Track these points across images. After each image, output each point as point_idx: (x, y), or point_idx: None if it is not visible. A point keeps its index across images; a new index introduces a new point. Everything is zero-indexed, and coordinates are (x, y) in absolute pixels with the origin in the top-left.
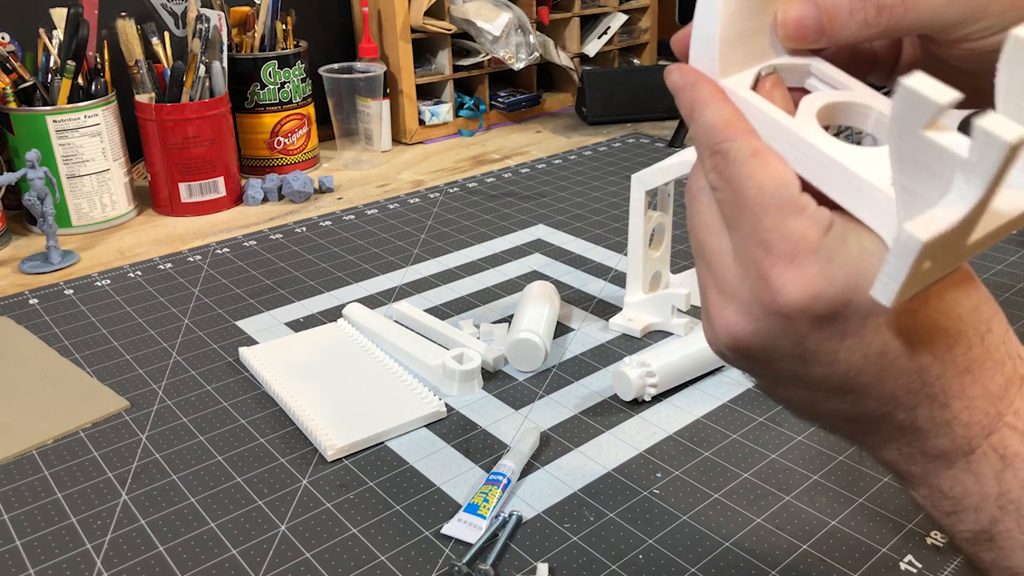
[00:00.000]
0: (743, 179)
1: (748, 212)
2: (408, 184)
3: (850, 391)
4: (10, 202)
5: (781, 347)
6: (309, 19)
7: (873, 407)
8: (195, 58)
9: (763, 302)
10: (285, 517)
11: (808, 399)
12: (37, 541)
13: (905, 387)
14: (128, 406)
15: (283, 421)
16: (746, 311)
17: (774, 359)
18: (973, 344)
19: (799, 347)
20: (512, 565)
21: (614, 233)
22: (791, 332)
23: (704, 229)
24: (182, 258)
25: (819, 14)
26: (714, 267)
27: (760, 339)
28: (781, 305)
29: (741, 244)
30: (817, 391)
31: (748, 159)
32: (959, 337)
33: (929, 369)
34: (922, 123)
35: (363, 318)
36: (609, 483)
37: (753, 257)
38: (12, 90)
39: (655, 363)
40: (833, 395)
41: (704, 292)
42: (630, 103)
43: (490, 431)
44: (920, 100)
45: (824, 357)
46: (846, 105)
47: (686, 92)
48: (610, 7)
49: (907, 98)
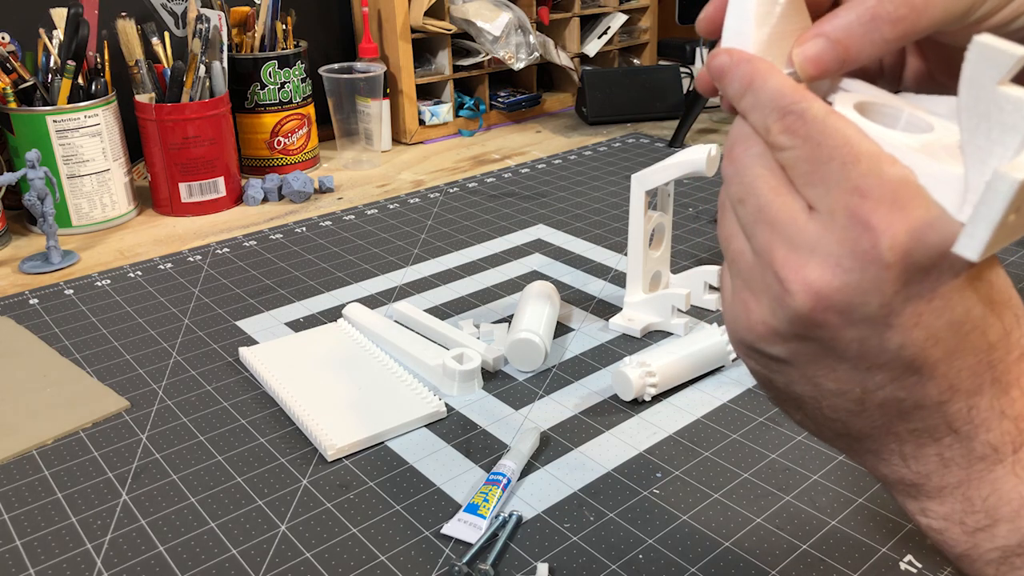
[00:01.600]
0: (827, 132)
1: (835, 162)
2: (408, 184)
3: (917, 370)
4: (10, 202)
5: (868, 305)
6: (309, 19)
7: (934, 394)
8: (195, 58)
9: (860, 248)
10: (285, 517)
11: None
12: (37, 541)
13: (972, 368)
14: (128, 406)
15: (283, 421)
16: (835, 263)
17: (852, 323)
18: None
19: (886, 307)
20: (512, 565)
21: (614, 233)
22: (884, 285)
23: (768, 191)
24: (182, 258)
25: (835, 47)
26: (784, 226)
27: (848, 294)
28: (883, 250)
29: (825, 197)
30: (880, 372)
31: (828, 115)
32: (1020, 318)
33: (996, 347)
34: (996, 79)
35: (363, 318)
36: (609, 483)
37: (845, 205)
38: (12, 90)
39: (655, 363)
40: (896, 378)
41: (767, 252)
42: (630, 103)
43: (490, 431)
44: (996, 54)
45: (908, 320)
46: (878, 105)
47: (741, 67)
48: (610, 7)
49: (982, 54)
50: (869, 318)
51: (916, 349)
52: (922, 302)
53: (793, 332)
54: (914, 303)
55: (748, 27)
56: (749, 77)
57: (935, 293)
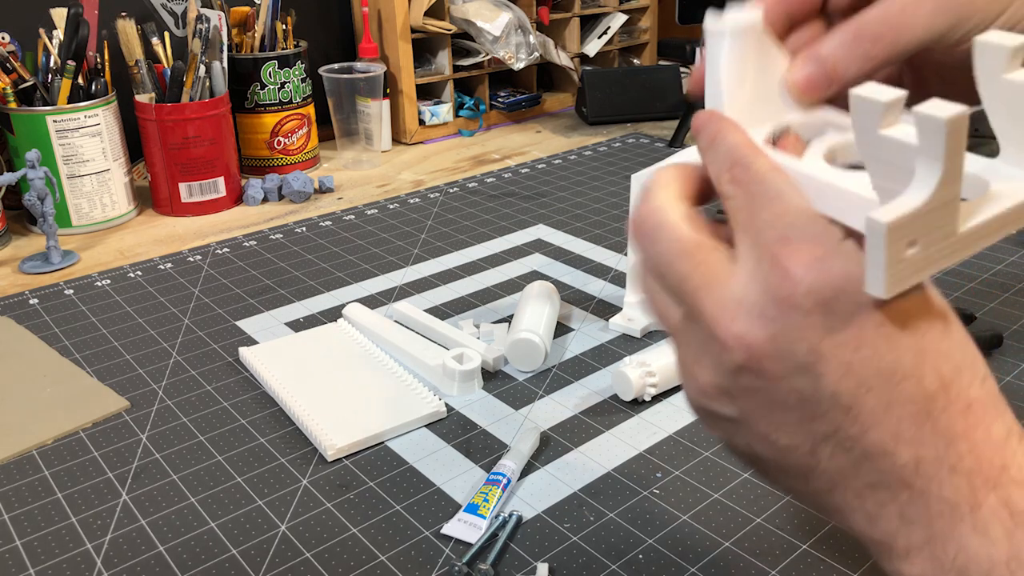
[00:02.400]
0: (766, 183)
1: (766, 212)
2: (408, 184)
3: (855, 419)
4: (10, 202)
5: (797, 352)
6: (309, 19)
7: (878, 444)
8: (195, 58)
9: (780, 295)
10: (285, 517)
11: (809, 442)
12: (37, 541)
13: (911, 417)
14: (128, 406)
15: (283, 421)
16: (759, 312)
17: (787, 371)
18: (974, 383)
19: (814, 353)
20: (512, 565)
21: (614, 233)
22: (807, 332)
23: (696, 248)
24: (182, 258)
25: (822, 66)
26: (713, 283)
27: (777, 342)
28: (800, 296)
29: (754, 247)
30: (822, 421)
31: (770, 171)
32: (961, 371)
33: (935, 398)
34: (877, 124)
35: (363, 318)
36: (609, 483)
37: (770, 253)
38: (12, 90)
39: (655, 363)
40: (838, 427)
41: (699, 315)
42: (630, 103)
43: (490, 431)
44: (868, 103)
45: (837, 367)
46: (848, 144)
47: (710, 125)
48: (610, 7)
49: (858, 105)
50: (801, 366)
51: (850, 397)
52: (848, 350)
53: (738, 386)
54: (841, 350)
55: (720, 91)
56: (713, 134)
57: (861, 341)
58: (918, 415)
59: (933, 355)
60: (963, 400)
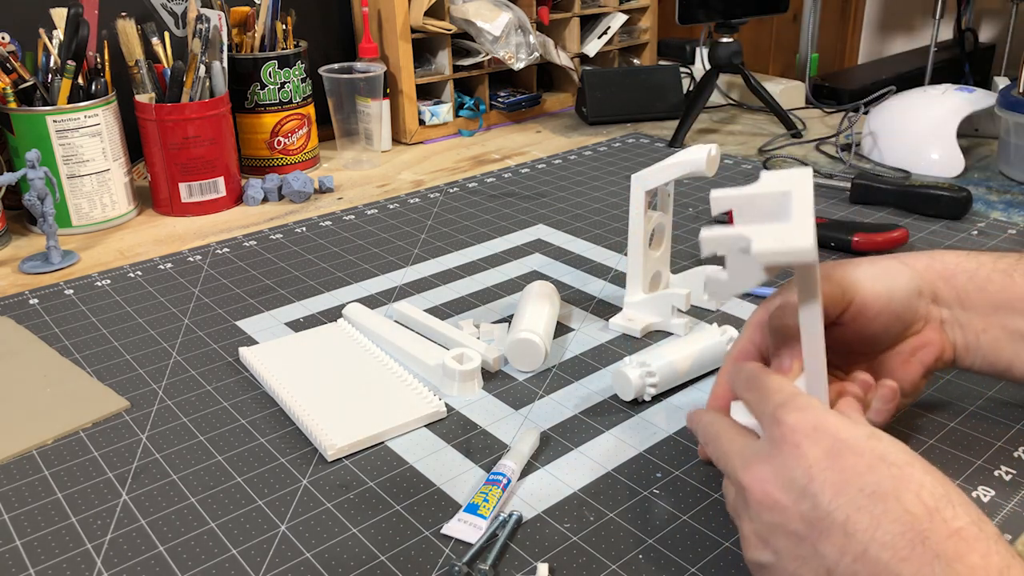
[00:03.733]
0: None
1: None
2: (408, 184)
3: (853, 535)
4: (10, 202)
5: (795, 475)
6: (309, 19)
7: (877, 558)
8: (195, 58)
9: (774, 437)
10: (285, 517)
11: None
12: (37, 541)
13: (903, 535)
14: (128, 406)
15: (283, 421)
16: (765, 456)
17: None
18: (959, 514)
19: (807, 474)
20: (512, 565)
21: (614, 233)
22: (799, 459)
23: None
24: (182, 258)
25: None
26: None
27: (778, 471)
28: (787, 432)
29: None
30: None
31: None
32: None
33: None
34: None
35: (363, 318)
36: (609, 483)
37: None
38: (12, 90)
39: (655, 363)
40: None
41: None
42: (630, 103)
43: (490, 431)
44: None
45: (829, 487)
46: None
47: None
48: (610, 7)
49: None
50: (800, 487)
51: (843, 514)
52: (834, 472)
53: (765, 526)
54: (828, 473)
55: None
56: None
57: (844, 464)
58: (908, 534)
59: (913, 483)
60: (950, 526)
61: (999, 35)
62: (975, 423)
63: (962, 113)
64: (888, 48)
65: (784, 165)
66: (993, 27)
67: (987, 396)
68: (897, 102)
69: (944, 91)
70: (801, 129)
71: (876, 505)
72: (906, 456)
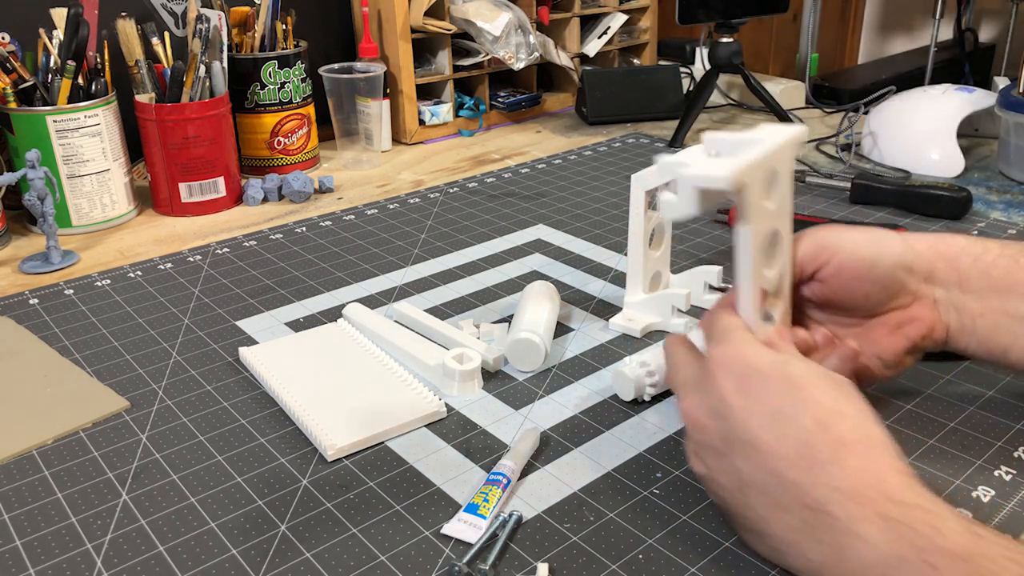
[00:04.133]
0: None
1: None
2: (408, 184)
3: (759, 449)
4: (10, 202)
5: (712, 396)
6: (309, 19)
7: (775, 468)
8: (195, 58)
9: (706, 371)
10: (285, 517)
11: (736, 476)
12: (37, 541)
13: (797, 450)
14: (128, 406)
15: (283, 421)
16: (694, 386)
17: (709, 422)
18: (845, 426)
19: (720, 398)
20: (512, 565)
21: (614, 233)
22: (715, 383)
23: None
24: (182, 258)
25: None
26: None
27: (697, 388)
28: (708, 360)
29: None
30: (738, 456)
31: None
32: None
33: (813, 433)
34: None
35: (363, 318)
36: (609, 483)
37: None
38: (12, 90)
39: (655, 363)
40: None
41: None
42: (630, 103)
43: (490, 431)
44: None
45: (740, 411)
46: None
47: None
48: (610, 7)
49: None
50: (718, 412)
51: (751, 433)
52: (743, 397)
53: (697, 443)
54: (738, 399)
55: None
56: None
57: (752, 392)
58: (800, 447)
59: (811, 403)
60: (834, 436)
61: (999, 35)
62: (975, 423)
63: (962, 113)
64: (888, 48)
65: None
66: (993, 27)
67: (987, 396)
68: (897, 102)
69: (944, 91)
70: None
71: (777, 424)
72: (811, 378)
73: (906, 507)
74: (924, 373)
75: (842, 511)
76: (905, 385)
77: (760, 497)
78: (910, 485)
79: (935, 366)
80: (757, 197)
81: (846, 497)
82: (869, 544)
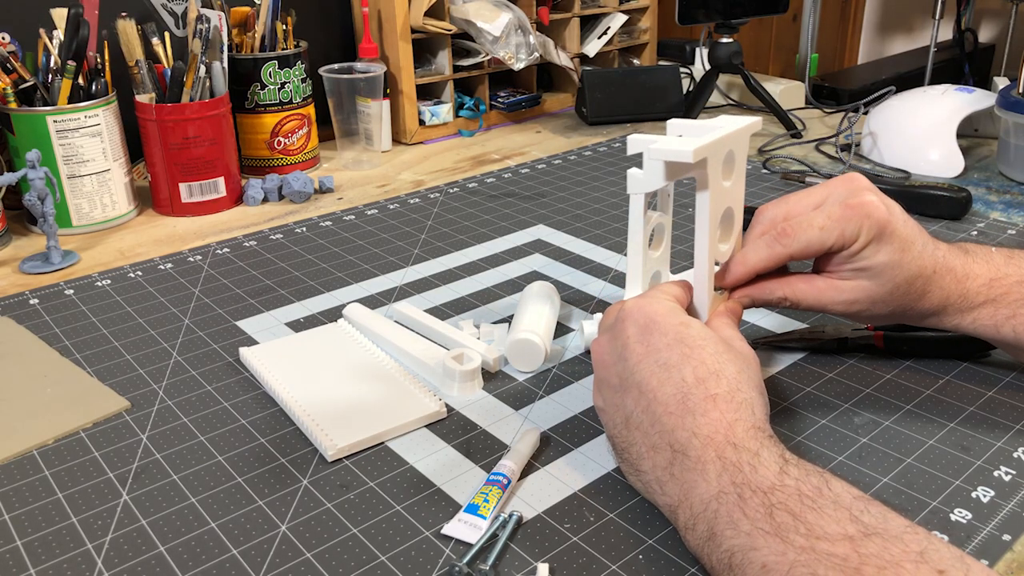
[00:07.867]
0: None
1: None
2: (408, 184)
3: (644, 393)
4: (10, 202)
5: (617, 348)
6: (309, 19)
7: (656, 411)
8: (195, 58)
9: (619, 318)
10: (285, 517)
11: (623, 411)
12: (38, 541)
13: (675, 397)
14: (128, 406)
15: (283, 421)
16: (606, 327)
17: (613, 360)
18: (720, 385)
19: (625, 347)
20: (512, 565)
21: (614, 233)
22: (622, 331)
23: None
24: (182, 258)
25: (748, 270)
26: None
27: (608, 330)
28: (620, 310)
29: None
30: (628, 394)
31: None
32: (711, 374)
33: (691, 386)
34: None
35: (363, 318)
36: (609, 483)
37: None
38: (12, 90)
39: None
40: (637, 399)
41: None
42: (630, 103)
43: (490, 431)
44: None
45: (635, 357)
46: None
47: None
48: (610, 7)
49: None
50: (619, 354)
51: (641, 377)
52: (641, 345)
53: (599, 379)
54: (637, 346)
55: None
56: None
57: (650, 343)
58: (677, 396)
59: (695, 360)
60: (707, 391)
61: (999, 35)
62: (975, 423)
63: (962, 113)
64: (888, 48)
65: (784, 165)
66: (993, 27)
67: (987, 396)
68: (897, 102)
69: (944, 91)
70: (801, 129)
71: (663, 373)
72: (703, 341)
73: (741, 450)
74: (924, 373)
75: (695, 453)
76: (905, 385)
77: (640, 435)
78: (755, 435)
79: (935, 366)
80: (715, 172)
81: (701, 442)
82: (707, 481)
